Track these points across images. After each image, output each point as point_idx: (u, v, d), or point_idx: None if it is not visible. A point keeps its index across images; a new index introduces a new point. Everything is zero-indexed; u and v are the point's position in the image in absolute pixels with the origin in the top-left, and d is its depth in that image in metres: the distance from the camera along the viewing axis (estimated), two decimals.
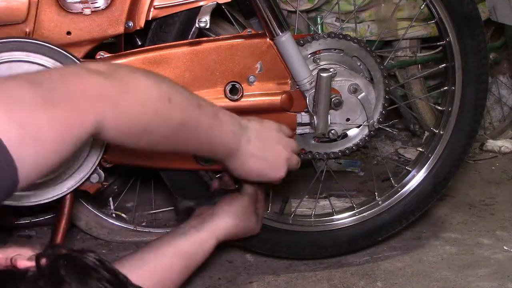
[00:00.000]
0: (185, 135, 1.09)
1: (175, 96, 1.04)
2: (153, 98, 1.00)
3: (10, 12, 1.30)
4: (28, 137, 0.80)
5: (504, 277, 1.53)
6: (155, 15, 1.39)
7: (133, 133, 0.98)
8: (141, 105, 0.97)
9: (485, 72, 1.60)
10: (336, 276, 1.58)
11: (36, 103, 0.82)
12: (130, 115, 0.96)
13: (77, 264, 0.78)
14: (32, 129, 0.80)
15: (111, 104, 0.92)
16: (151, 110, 0.99)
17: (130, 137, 0.99)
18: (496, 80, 2.58)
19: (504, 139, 2.40)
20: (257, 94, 1.43)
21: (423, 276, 1.56)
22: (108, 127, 0.92)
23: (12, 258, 0.79)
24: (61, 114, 0.84)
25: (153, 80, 1.01)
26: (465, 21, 1.55)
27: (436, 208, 1.88)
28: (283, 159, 1.29)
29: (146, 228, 1.81)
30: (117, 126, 0.94)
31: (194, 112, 1.09)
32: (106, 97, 0.91)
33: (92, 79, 0.91)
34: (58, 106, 0.84)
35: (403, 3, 2.16)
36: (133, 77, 0.98)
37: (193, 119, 1.09)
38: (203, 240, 1.33)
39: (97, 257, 0.79)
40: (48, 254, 0.78)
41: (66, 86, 0.87)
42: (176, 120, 1.05)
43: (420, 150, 1.70)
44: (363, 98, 1.49)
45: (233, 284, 1.56)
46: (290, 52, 1.41)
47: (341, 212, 1.66)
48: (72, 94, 0.87)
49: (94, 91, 0.90)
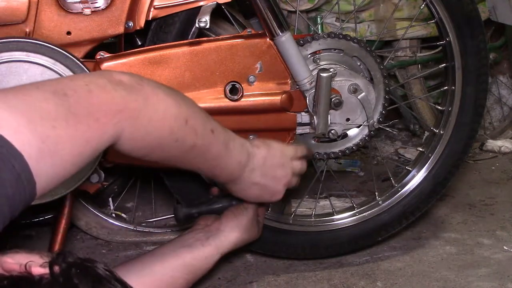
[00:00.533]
0: (193, 156, 1.10)
1: (192, 118, 1.05)
2: (171, 116, 1.01)
3: (10, 12, 1.30)
4: (47, 151, 0.81)
5: (504, 277, 1.53)
6: (155, 15, 1.39)
7: (146, 147, 1.00)
8: (158, 121, 0.99)
9: (485, 72, 1.60)
10: (336, 276, 1.58)
11: (60, 118, 0.83)
12: (146, 130, 0.97)
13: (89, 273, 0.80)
14: (52, 143, 0.81)
15: (131, 118, 0.93)
16: (167, 128, 1.01)
17: (143, 151, 1.00)
18: (496, 80, 2.58)
19: (504, 139, 2.40)
20: (257, 94, 1.43)
21: (423, 276, 1.56)
22: (124, 139, 0.94)
23: (27, 264, 0.80)
24: (82, 128, 0.85)
25: (174, 99, 1.02)
26: (465, 21, 1.55)
27: (436, 208, 1.88)
28: (282, 185, 1.30)
29: (146, 228, 1.81)
30: (133, 140, 0.96)
31: (207, 138, 1.10)
32: (127, 111, 0.93)
33: (116, 93, 0.92)
34: (81, 121, 0.85)
35: (402, 3, 2.16)
36: (155, 93, 0.99)
37: (205, 144, 1.10)
38: (208, 255, 1.34)
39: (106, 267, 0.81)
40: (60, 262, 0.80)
41: (90, 99, 0.88)
42: (189, 142, 1.06)
43: (420, 150, 1.70)
44: (363, 98, 1.49)
45: (233, 284, 1.56)
46: (290, 52, 1.41)
47: (341, 212, 1.66)
48: (95, 107, 0.88)
49: (117, 105, 0.91)
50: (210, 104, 1.40)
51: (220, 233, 1.35)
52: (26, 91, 0.85)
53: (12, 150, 0.77)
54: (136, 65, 1.36)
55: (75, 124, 0.84)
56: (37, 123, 0.81)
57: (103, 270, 0.81)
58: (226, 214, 1.38)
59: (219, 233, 1.35)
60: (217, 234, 1.35)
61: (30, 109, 0.81)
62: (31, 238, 1.79)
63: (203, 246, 1.33)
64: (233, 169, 1.20)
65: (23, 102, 0.82)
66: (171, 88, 1.06)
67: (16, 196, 0.78)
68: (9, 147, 0.77)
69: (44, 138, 0.80)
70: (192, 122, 1.05)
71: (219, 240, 1.35)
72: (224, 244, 1.35)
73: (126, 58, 1.37)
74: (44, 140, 0.80)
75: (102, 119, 0.89)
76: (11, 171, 0.76)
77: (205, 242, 1.33)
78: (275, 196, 1.31)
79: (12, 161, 0.77)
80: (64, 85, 0.88)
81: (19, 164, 0.77)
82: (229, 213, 1.38)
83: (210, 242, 1.34)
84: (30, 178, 0.79)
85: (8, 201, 0.77)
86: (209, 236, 1.34)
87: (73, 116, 0.85)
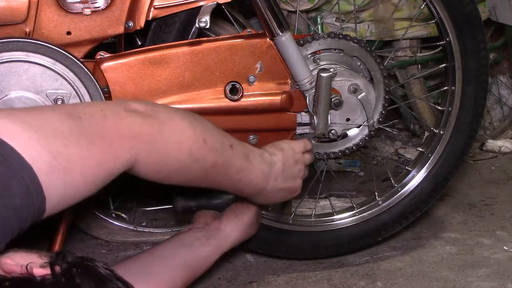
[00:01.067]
0: (215, 175, 1.11)
1: (210, 137, 1.06)
2: (188, 139, 1.02)
3: (10, 12, 1.30)
4: (58, 167, 0.81)
5: (504, 277, 1.53)
6: (155, 15, 1.39)
7: (165, 171, 1.01)
8: (176, 145, 1.00)
9: (485, 72, 1.60)
10: (336, 276, 1.58)
11: (72, 137, 0.84)
12: (164, 155, 0.98)
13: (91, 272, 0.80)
14: (63, 160, 0.82)
15: (147, 143, 0.94)
16: (186, 150, 1.01)
17: (162, 174, 1.01)
18: (496, 80, 2.58)
19: (504, 139, 2.40)
20: (257, 94, 1.43)
21: (423, 276, 1.56)
22: (141, 164, 0.94)
23: (28, 266, 0.80)
24: (94, 150, 0.86)
25: (189, 121, 1.03)
26: (465, 21, 1.55)
27: (436, 208, 1.88)
28: (299, 180, 1.33)
29: (146, 228, 1.81)
30: (150, 164, 0.97)
31: (227, 154, 1.11)
32: (142, 136, 0.94)
33: (130, 118, 0.93)
34: (94, 143, 0.86)
35: (402, 3, 2.16)
36: (170, 118, 1.00)
37: (225, 160, 1.11)
38: (208, 255, 1.34)
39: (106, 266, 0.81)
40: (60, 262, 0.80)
41: (105, 124, 0.89)
42: (209, 161, 1.07)
43: (420, 150, 1.70)
44: (363, 98, 1.49)
45: (233, 284, 1.56)
46: (290, 52, 1.41)
47: (341, 212, 1.66)
48: (109, 131, 0.89)
49: (132, 131, 0.92)
50: (210, 104, 1.40)
51: (221, 233, 1.35)
52: (40, 111, 0.87)
53: (21, 161, 0.78)
54: (136, 65, 1.36)
55: (87, 145, 0.85)
56: (49, 139, 0.81)
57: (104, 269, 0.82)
58: (227, 213, 1.38)
59: (220, 233, 1.35)
60: (217, 233, 1.35)
61: (43, 127, 0.82)
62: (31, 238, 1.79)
63: (203, 246, 1.33)
64: (258, 181, 1.21)
65: (37, 119, 0.83)
66: (185, 111, 1.06)
67: (24, 208, 0.78)
68: (18, 158, 0.77)
69: (55, 154, 0.81)
70: (210, 141, 1.05)
71: (219, 240, 1.35)
72: (224, 244, 1.35)
73: (126, 58, 1.37)
74: (55, 156, 0.81)
75: (116, 143, 0.89)
76: (20, 182, 0.77)
77: (205, 242, 1.33)
78: (296, 192, 1.33)
79: (21, 172, 0.77)
80: (80, 109, 0.90)
81: (28, 176, 0.78)
82: (230, 212, 1.38)
83: (210, 242, 1.34)
84: (39, 191, 0.79)
85: (16, 212, 0.77)
86: (209, 235, 1.34)
87: (86, 137, 0.86)
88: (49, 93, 1.28)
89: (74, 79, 1.29)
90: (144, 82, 1.37)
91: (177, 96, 1.38)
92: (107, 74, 1.35)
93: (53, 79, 1.28)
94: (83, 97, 1.30)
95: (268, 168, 1.23)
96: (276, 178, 1.25)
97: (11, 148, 0.77)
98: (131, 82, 1.36)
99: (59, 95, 1.29)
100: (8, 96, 1.27)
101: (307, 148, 1.36)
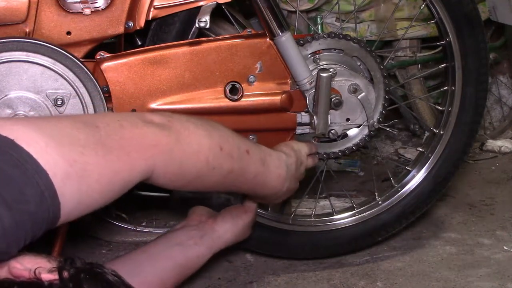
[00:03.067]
0: (232, 180, 1.11)
1: (226, 144, 1.07)
2: (205, 147, 1.03)
3: (10, 12, 1.30)
4: (74, 174, 0.82)
5: (504, 277, 1.53)
6: (155, 15, 1.39)
7: (182, 180, 1.02)
8: (193, 154, 1.00)
9: (485, 72, 1.60)
10: (336, 276, 1.58)
11: (89, 146, 0.85)
12: (181, 165, 0.99)
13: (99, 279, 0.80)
14: (79, 168, 0.82)
15: (164, 153, 0.95)
16: (203, 159, 1.02)
17: (180, 183, 1.02)
18: (496, 80, 2.58)
19: (504, 139, 2.40)
20: (257, 94, 1.43)
21: (423, 276, 1.56)
22: (158, 173, 0.95)
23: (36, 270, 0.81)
24: (112, 159, 0.87)
25: (205, 129, 1.04)
26: (465, 21, 1.55)
27: (436, 208, 1.88)
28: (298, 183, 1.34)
29: (146, 228, 1.81)
30: (168, 174, 0.97)
31: (244, 160, 1.12)
32: (159, 146, 0.94)
33: (147, 129, 0.94)
34: (111, 152, 0.87)
35: (403, 3, 2.16)
36: (185, 127, 1.01)
37: (243, 166, 1.12)
38: (201, 255, 1.34)
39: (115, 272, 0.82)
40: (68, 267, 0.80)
41: (122, 134, 0.90)
42: (226, 167, 1.07)
43: (420, 150, 1.70)
44: (363, 98, 1.49)
45: (233, 284, 1.56)
46: (290, 52, 1.41)
47: (341, 212, 1.66)
48: (126, 141, 0.90)
49: (149, 141, 0.93)
50: (210, 104, 1.40)
51: (214, 233, 1.35)
52: (58, 119, 0.88)
53: (37, 166, 0.78)
54: (136, 65, 1.36)
55: (104, 154, 0.86)
56: (65, 147, 0.82)
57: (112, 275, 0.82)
58: (223, 214, 1.38)
59: (213, 233, 1.35)
60: (211, 233, 1.35)
61: (60, 135, 0.83)
62: None
63: (196, 245, 1.33)
64: (275, 184, 1.22)
65: (54, 127, 0.84)
66: (200, 119, 1.07)
67: (39, 213, 0.78)
68: (34, 163, 0.78)
69: (71, 161, 0.82)
70: (226, 147, 1.06)
71: (212, 240, 1.35)
72: (217, 245, 1.36)
73: (126, 58, 1.37)
74: (71, 163, 0.81)
75: (133, 153, 0.90)
76: (34, 187, 0.77)
77: (198, 241, 1.33)
78: (292, 192, 1.33)
79: (36, 177, 0.78)
80: (96, 119, 0.91)
81: (43, 181, 0.78)
82: (227, 213, 1.38)
83: (204, 241, 1.34)
84: (54, 196, 0.79)
85: (30, 217, 0.77)
86: (203, 235, 1.34)
87: (103, 146, 0.86)
88: (49, 93, 1.28)
89: (74, 79, 1.29)
90: (144, 82, 1.37)
91: (177, 96, 1.38)
92: (107, 74, 1.35)
93: (53, 79, 1.28)
94: (83, 97, 1.30)
95: (285, 172, 1.24)
96: (290, 180, 1.26)
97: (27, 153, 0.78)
98: (131, 82, 1.36)
99: (59, 95, 1.29)
100: (8, 96, 1.27)
101: (312, 152, 1.38)
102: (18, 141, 0.78)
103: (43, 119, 0.88)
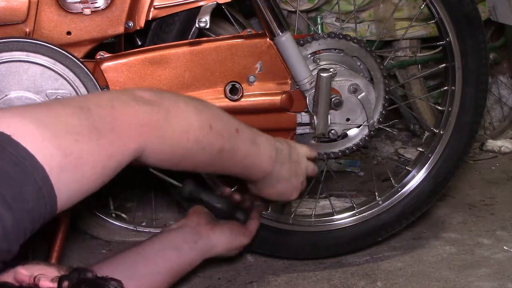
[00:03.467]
0: (222, 160, 1.11)
1: (216, 122, 1.06)
2: (194, 126, 1.02)
3: (10, 12, 1.30)
4: (69, 165, 0.82)
5: (504, 277, 1.53)
6: (155, 15, 1.39)
7: (172, 158, 1.01)
8: (182, 133, 1.00)
9: (485, 72, 1.60)
10: (336, 276, 1.58)
11: (83, 132, 0.85)
12: (171, 142, 0.99)
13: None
14: (74, 158, 0.83)
15: (154, 132, 0.95)
16: (193, 138, 1.02)
17: (170, 162, 1.02)
18: (496, 80, 2.57)
19: (504, 139, 2.40)
20: (257, 94, 1.43)
21: (423, 276, 1.56)
22: (148, 153, 0.95)
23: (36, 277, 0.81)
24: (105, 142, 0.87)
25: (194, 107, 1.03)
26: (465, 21, 1.55)
27: (436, 208, 1.88)
28: (300, 182, 1.32)
29: (146, 228, 1.81)
30: (158, 153, 0.97)
31: (233, 138, 1.11)
32: (149, 125, 0.94)
33: (138, 107, 0.94)
34: (104, 135, 0.87)
35: (402, 3, 2.16)
36: (176, 105, 1.00)
37: (232, 145, 1.11)
38: (192, 260, 1.35)
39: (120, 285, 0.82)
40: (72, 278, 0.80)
41: (114, 114, 0.90)
42: (216, 146, 1.07)
43: (420, 150, 1.70)
44: (363, 98, 1.49)
45: (233, 284, 1.56)
46: (290, 52, 1.41)
47: (341, 212, 1.66)
48: (118, 122, 0.90)
49: (139, 119, 0.93)
50: None
51: (209, 241, 1.36)
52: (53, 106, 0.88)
53: (35, 163, 0.79)
54: (136, 65, 1.36)
55: (97, 138, 0.86)
56: (60, 137, 0.82)
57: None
58: (223, 227, 1.38)
59: (208, 241, 1.36)
60: (206, 240, 1.36)
61: (55, 123, 0.83)
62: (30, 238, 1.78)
63: (190, 249, 1.34)
64: (266, 165, 1.21)
65: (48, 115, 0.84)
66: (190, 97, 1.07)
67: (36, 209, 0.79)
68: (32, 160, 0.79)
69: (67, 152, 0.82)
70: (216, 126, 1.06)
71: (205, 247, 1.36)
72: (208, 254, 1.37)
73: (126, 58, 1.37)
74: (67, 154, 0.82)
75: (125, 133, 0.90)
76: (33, 184, 0.78)
77: (192, 245, 1.34)
78: (293, 194, 1.32)
79: (34, 174, 0.78)
80: (89, 100, 0.91)
81: (40, 178, 0.79)
82: (226, 228, 1.39)
83: (197, 247, 1.34)
84: (51, 191, 0.80)
85: (28, 215, 0.78)
86: (197, 239, 1.35)
87: (96, 131, 0.86)
88: (49, 93, 1.28)
89: (74, 79, 1.29)
90: (144, 82, 1.37)
91: None
92: (107, 74, 1.35)
93: (53, 79, 1.28)
94: None
95: (275, 153, 1.22)
96: (282, 164, 1.25)
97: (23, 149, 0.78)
98: (131, 82, 1.36)
99: (59, 95, 1.29)
100: (8, 96, 1.27)
101: (311, 154, 1.36)
102: (15, 137, 0.79)
103: (39, 106, 0.87)
